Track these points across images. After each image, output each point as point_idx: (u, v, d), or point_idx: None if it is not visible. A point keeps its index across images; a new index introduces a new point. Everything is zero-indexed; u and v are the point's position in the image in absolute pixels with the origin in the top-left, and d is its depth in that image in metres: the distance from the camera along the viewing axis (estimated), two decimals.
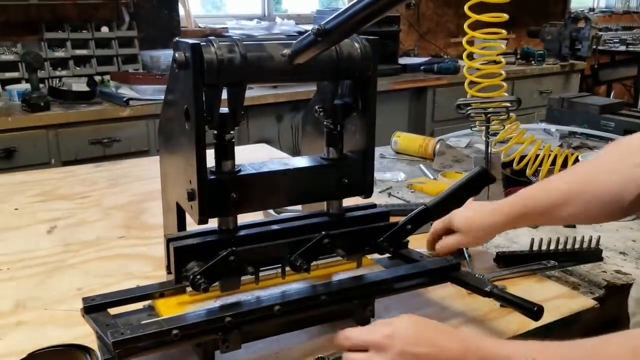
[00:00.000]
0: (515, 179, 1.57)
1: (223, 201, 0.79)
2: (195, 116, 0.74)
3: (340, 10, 0.64)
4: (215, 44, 0.73)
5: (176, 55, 0.73)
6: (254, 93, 3.06)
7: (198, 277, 0.77)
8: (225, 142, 0.79)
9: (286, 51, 0.76)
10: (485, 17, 1.51)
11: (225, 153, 0.80)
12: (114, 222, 1.37)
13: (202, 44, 0.73)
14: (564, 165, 1.58)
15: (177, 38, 0.76)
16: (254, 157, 1.94)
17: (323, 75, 0.82)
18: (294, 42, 0.75)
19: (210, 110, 0.77)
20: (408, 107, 3.64)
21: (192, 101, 0.73)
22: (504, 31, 1.52)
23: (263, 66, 0.76)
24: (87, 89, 2.83)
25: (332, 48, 0.79)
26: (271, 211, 1.26)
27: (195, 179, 0.76)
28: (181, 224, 0.88)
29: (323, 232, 0.84)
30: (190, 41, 0.72)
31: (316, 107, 0.85)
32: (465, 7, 1.49)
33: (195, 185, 0.77)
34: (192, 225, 0.85)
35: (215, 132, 0.79)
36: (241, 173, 0.81)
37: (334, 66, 0.80)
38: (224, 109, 0.79)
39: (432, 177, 1.69)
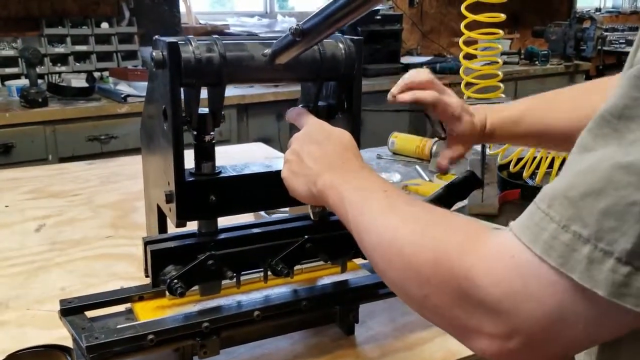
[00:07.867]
0: (512, 182, 1.55)
1: (202, 204, 0.77)
2: (172, 116, 0.72)
3: (318, 10, 0.62)
4: (193, 43, 0.71)
5: (153, 53, 0.71)
6: (254, 91, 3.04)
7: (175, 281, 0.75)
8: (204, 144, 0.77)
9: (267, 51, 0.74)
10: (482, 17, 1.49)
11: (204, 154, 0.78)
12: (102, 221, 1.35)
13: (179, 42, 0.71)
14: (562, 168, 1.55)
15: (156, 36, 0.74)
16: (249, 156, 1.93)
17: (306, 75, 0.80)
18: (275, 41, 0.73)
19: (189, 111, 0.75)
20: (409, 107, 3.62)
21: (169, 101, 0.72)
22: (500, 31, 1.50)
23: (243, 66, 0.74)
24: (85, 85, 2.82)
25: (315, 48, 0.77)
26: (262, 213, 1.24)
27: (173, 181, 0.75)
28: (162, 227, 0.87)
29: (305, 236, 0.83)
30: (168, 39, 0.71)
31: (300, 107, 0.83)
32: (462, 7, 1.46)
33: (173, 188, 0.75)
34: (174, 228, 0.83)
35: (195, 132, 0.77)
36: (221, 175, 0.79)
37: (317, 67, 0.78)
38: (205, 110, 0.77)
39: (427, 179, 1.67)
